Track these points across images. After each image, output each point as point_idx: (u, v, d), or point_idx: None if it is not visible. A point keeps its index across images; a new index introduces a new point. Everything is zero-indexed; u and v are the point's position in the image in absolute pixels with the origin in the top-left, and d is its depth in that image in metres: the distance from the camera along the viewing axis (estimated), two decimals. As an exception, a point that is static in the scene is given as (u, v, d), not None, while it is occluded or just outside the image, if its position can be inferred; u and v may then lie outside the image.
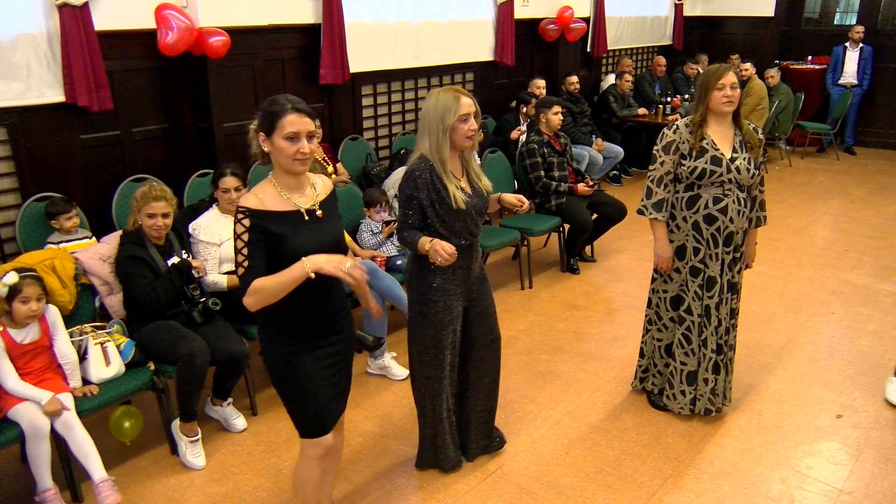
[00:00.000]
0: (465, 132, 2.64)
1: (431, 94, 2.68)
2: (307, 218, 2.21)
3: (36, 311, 2.85)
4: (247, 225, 2.12)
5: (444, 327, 2.82)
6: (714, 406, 3.37)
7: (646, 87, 8.66)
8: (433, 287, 2.77)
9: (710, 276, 3.20)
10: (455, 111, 2.59)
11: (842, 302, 4.83)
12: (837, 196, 7.48)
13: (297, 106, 2.13)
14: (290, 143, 2.11)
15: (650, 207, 3.22)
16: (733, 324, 3.32)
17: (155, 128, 4.72)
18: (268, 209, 2.15)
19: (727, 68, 3.07)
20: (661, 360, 3.48)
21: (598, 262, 5.65)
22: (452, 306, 2.81)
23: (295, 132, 2.11)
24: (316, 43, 5.41)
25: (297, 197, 2.22)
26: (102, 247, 3.40)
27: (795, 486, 2.99)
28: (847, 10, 10.15)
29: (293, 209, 2.20)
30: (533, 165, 5.23)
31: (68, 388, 2.95)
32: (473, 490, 2.98)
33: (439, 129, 2.62)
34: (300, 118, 2.12)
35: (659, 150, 3.19)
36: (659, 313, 3.41)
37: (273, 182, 2.21)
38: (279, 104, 2.13)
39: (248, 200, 2.16)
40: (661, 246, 3.25)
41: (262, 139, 2.16)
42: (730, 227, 3.13)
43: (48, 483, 2.83)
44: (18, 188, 4.12)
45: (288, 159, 2.13)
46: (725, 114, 3.10)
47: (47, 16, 3.99)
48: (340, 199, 4.34)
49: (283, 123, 2.10)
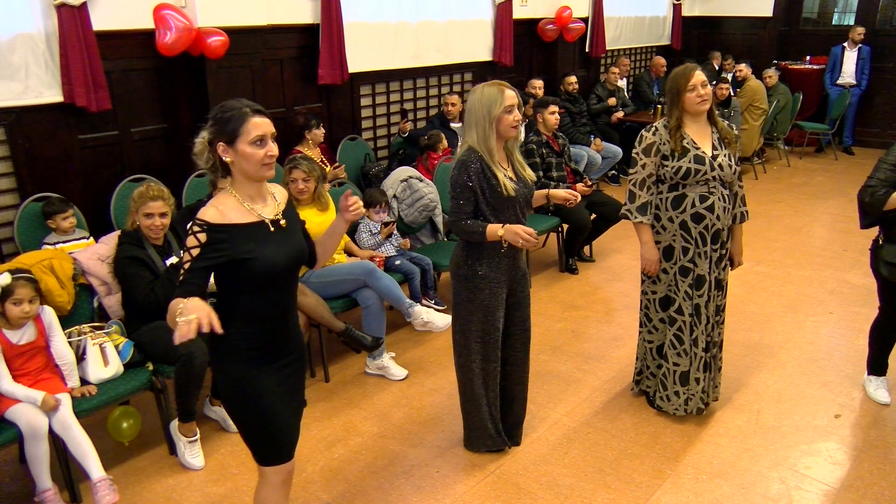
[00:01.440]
0: (511, 122, 2.75)
1: (476, 88, 2.80)
2: (272, 229, 2.10)
3: (28, 312, 2.84)
4: (201, 240, 1.99)
5: (490, 313, 2.92)
6: (704, 403, 3.38)
7: (644, 87, 8.67)
8: (479, 275, 2.87)
9: (699, 274, 3.19)
10: (500, 103, 2.71)
11: (840, 302, 4.83)
12: (836, 196, 7.48)
13: (255, 108, 2.05)
14: (258, 147, 2.01)
15: (634, 211, 3.22)
16: (718, 320, 3.32)
17: (153, 128, 4.72)
18: (231, 222, 2.03)
19: (693, 67, 3.07)
20: (654, 361, 3.48)
21: (596, 262, 5.65)
22: (497, 294, 2.92)
23: (261, 135, 2.01)
24: (314, 43, 5.41)
25: (260, 207, 2.11)
26: (101, 247, 3.40)
27: (794, 486, 2.99)
28: (845, 10, 10.15)
29: (257, 220, 2.08)
30: (531, 166, 5.18)
31: (66, 388, 2.95)
32: (472, 490, 2.99)
33: (486, 120, 2.73)
34: (263, 119, 2.04)
35: (639, 152, 3.18)
36: (648, 315, 3.41)
37: (233, 193, 2.09)
38: (237, 109, 2.03)
39: (208, 213, 2.02)
40: (648, 249, 3.25)
41: (221, 150, 2.03)
42: (717, 225, 3.13)
43: (47, 483, 2.83)
44: (16, 188, 4.12)
45: (256, 165, 2.02)
46: (701, 113, 3.10)
47: (45, 16, 3.99)
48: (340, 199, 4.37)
49: (247, 128, 2.00)
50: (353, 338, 3.75)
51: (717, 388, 3.45)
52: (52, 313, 3.00)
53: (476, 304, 2.91)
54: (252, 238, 2.05)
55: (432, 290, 4.56)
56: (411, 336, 4.37)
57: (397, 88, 6.39)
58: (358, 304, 3.87)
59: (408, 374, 3.91)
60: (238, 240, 2.02)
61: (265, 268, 2.04)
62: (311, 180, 3.86)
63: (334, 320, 3.73)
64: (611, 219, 5.39)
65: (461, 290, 2.94)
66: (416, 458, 3.20)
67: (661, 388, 3.44)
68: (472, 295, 2.90)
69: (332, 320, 3.72)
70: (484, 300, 2.90)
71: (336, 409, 3.62)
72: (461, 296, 2.95)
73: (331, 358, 4.06)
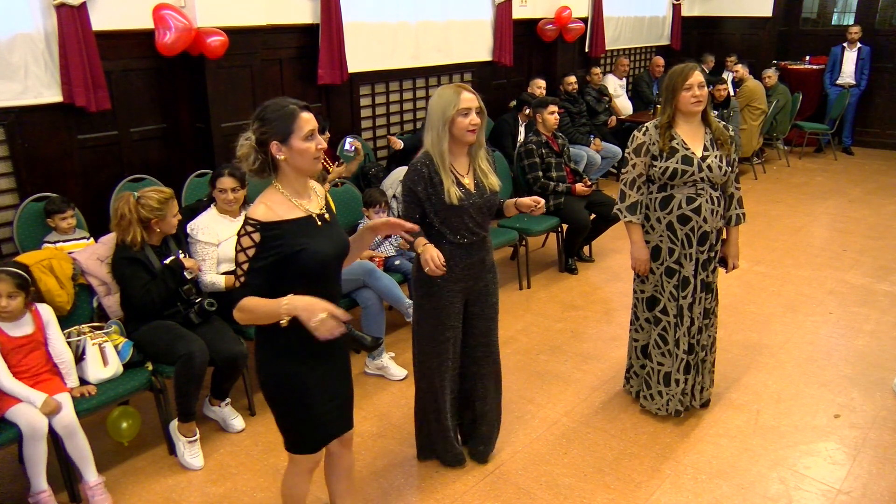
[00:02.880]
0: (466, 126, 2.65)
1: (437, 90, 2.73)
2: (319, 223, 2.16)
3: (5, 306, 2.79)
4: (256, 240, 2.03)
5: (441, 321, 2.83)
6: (683, 406, 3.37)
7: (643, 87, 8.67)
8: (432, 281, 2.77)
9: (684, 276, 3.19)
10: (455, 105, 2.63)
11: (840, 302, 4.83)
12: (835, 196, 7.49)
13: (302, 104, 2.09)
14: (310, 141, 2.07)
15: (625, 210, 3.23)
16: (706, 324, 3.30)
17: (153, 128, 4.72)
18: (282, 218, 2.07)
19: (693, 67, 3.05)
20: (638, 360, 3.49)
21: (596, 262, 5.65)
22: (452, 301, 2.83)
23: (312, 129, 2.07)
24: (314, 43, 5.40)
25: (306, 202, 2.16)
26: (100, 247, 3.40)
27: (793, 486, 2.99)
28: (845, 10, 10.15)
29: (305, 214, 2.14)
30: (531, 166, 5.23)
31: (66, 388, 2.94)
32: (471, 490, 2.98)
33: (440, 122, 2.66)
34: (310, 115, 2.09)
35: (630, 152, 3.20)
36: (636, 313, 3.42)
37: (280, 189, 2.13)
38: (287, 107, 2.06)
39: (258, 212, 2.06)
40: (638, 249, 3.25)
41: (275, 148, 2.05)
42: (704, 227, 3.13)
43: (43, 485, 2.82)
44: (16, 188, 4.12)
45: (310, 159, 2.08)
46: (694, 114, 3.09)
47: (45, 16, 3.98)
48: (339, 199, 4.37)
49: (300, 124, 2.05)
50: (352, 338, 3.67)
51: (704, 391, 3.43)
52: (49, 311, 2.99)
53: (426, 310, 2.85)
54: (302, 232, 2.10)
55: (432, 290, 4.55)
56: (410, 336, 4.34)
57: (397, 88, 6.39)
58: (357, 304, 3.87)
59: (407, 374, 3.91)
60: (290, 235, 2.07)
61: (317, 260, 2.09)
62: (312, 180, 3.87)
63: (334, 320, 3.72)
64: (610, 219, 5.37)
65: (416, 295, 2.89)
66: (416, 459, 3.19)
67: (644, 387, 3.45)
68: (424, 301, 2.84)
69: (332, 320, 3.71)
70: (435, 307, 2.82)
71: (335, 409, 3.61)
72: (416, 300, 2.91)
73: (330, 358, 4.05)
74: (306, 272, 2.09)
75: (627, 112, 8.39)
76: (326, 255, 2.13)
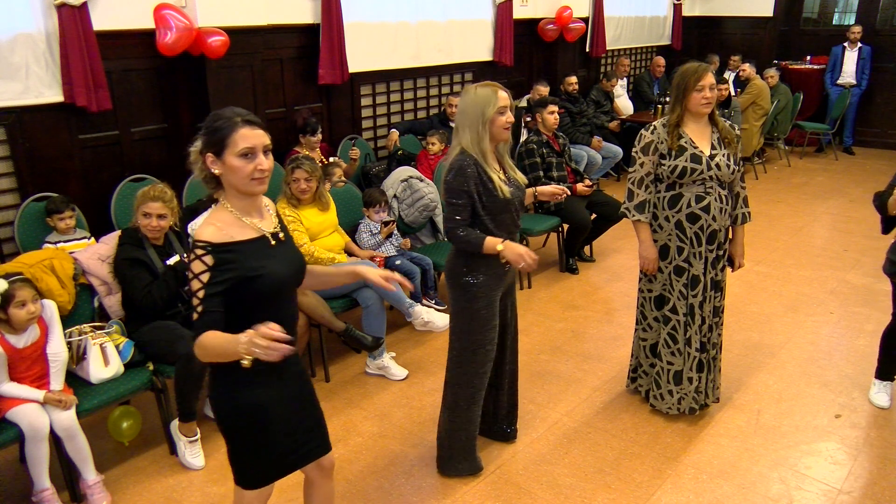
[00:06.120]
0: (504, 124, 2.68)
1: (468, 89, 2.70)
2: (273, 242, 1.99)
3: (34, 312, 2.82)
4: (209, 263, 1.84)
5: (487, 322, 2.83)
6: (698, 404, 3.37)
7: (644, 87, 8.67)
8: (477, 283, 2.78)
9: (693, 274, 3.20)
10: (494, 104, 2.64)
11: (840, 302, 4.83)
12: (836, 196, 7.48)
13: (247, 118, 1.90)
14: (246, 160, 1.87)
15: (633, 209, 3.23)
16: (716, 322, 3.32)
17: (154, 128, 4.72)
18: (234, 240, 1.90)
19: (706, 68, 3.05)
20: (647, 360, 3.49)
21: (596, 262, 5.65)
22: (494, 302, 2.84)
23: (250, 147, 1.86)
24: (315, 43, 5.41)
25: (258, 220, 1.99)
26: (101, 247, 3.40)
27: (794, 486, 2.99)
28: (846, 10, 10.15)
29: (258, 235, 1.96)
30: (532, 165, 5.23)
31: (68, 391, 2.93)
32: (472, 490, 2.98)
33: (479, 122, 2.65)
34: (253, 131, 1.88)
35: (638, 151, 3.20)
36: (644, 313, 3.42)
37: (227, 207, 1.96)
38: (226, 118, 1.89)
39: (207, 232, 1.87)
40: (646, 248, 3.25)
41: (209, 161, 1.90)
42: (713, 225, 3.13)
43: (46, 483, 2.83)
44: (17, 188, 4.12)
45: (245, 179, 1.88)
46: (703, 114, 3.10)
47: (46, 16, 3.99)
48: (340, 199, 4.37)
49: (234, 139, 1.86)
50: (353, 338, 3.75)
51: (717, 389, 3.45)
52: (53, 307, 2.97)
53: (471, 313, 2.81)
54: (258, 255, 1.94)
55: (433, 290, 4.56)
56: (411, 336, 4.37)
57: (397, 88, 6.39)
58: (358, 304, 3.87)
59: (408, 374, 3.91)
60: (244, 258, 1.90)
61: (274, 283, 1.94)
62: (313, 180, 3.89)
63: (335, 320, 3.73)
64: (611, 218, 5.39)
65: (459, 300, 2.82)
66: (416, 458, 3.20)
67: (654, 386, 3.45)
68: (469, 304, 2.80)
69: (333, 320, 3.72)
70: (480, 310, 2.80)
71: (336, 408, 3.62)
72: (459, 305, 2.83)
73: (331, 358, 4.06)
74: (262, 296, 1.93)
75: (628, 112, 8.39)
76: (284, 277, 1.98)
